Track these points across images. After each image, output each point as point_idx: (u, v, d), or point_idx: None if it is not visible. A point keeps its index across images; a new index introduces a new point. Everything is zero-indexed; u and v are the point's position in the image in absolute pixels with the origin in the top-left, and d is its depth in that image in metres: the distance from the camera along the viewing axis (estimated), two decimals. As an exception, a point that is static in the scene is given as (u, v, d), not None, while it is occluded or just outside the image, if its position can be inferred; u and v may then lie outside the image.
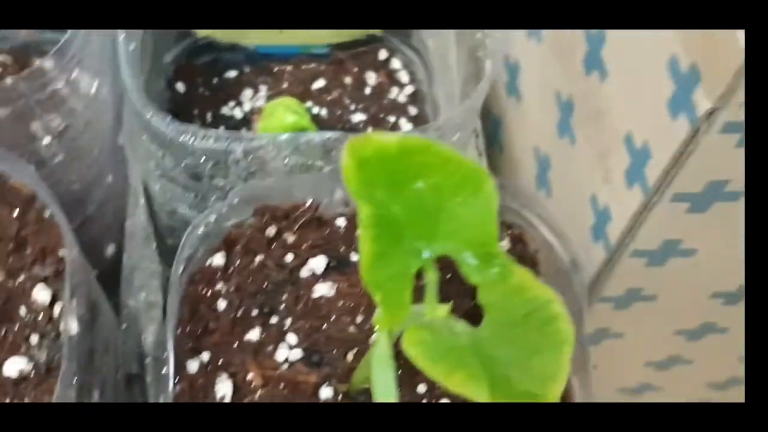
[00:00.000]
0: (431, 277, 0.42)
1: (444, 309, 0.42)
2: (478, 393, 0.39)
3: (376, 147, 0.41)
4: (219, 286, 0.52)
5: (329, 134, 0.54)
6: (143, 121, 0.54)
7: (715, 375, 0.75)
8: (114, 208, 0.67)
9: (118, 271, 0.63)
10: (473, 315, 0.45)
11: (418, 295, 0.44)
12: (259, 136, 0.54)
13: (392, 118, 0.68)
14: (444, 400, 0.51)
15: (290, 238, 0.54)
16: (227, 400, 0.49)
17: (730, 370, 0.74)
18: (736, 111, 0.46)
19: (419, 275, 0.43)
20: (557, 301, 0.41)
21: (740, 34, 0.44)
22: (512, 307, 0.42)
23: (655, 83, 0.51)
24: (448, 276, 0.53)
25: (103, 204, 0.65)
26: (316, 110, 0.69)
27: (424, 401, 0.50)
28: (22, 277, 0.50)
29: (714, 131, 0.48)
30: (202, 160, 0.54)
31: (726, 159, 0.50)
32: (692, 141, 0.49)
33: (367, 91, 0.70)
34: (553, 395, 0.40)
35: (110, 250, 0.68)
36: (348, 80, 0.71)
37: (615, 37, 0.55)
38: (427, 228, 0.42)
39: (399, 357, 0.50)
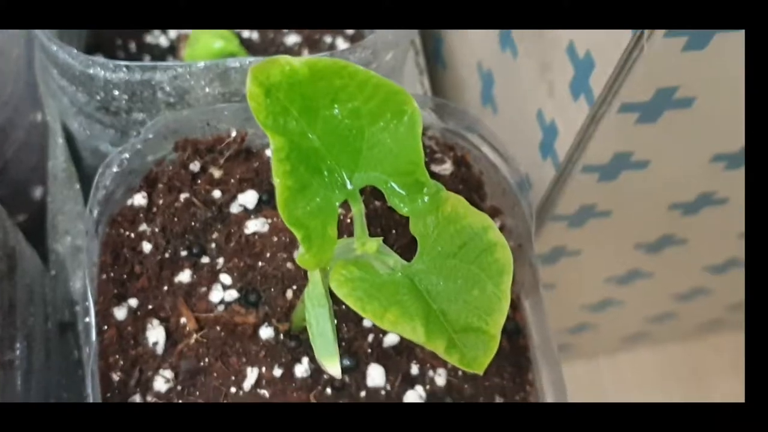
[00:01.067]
0: (357, 210, 0.39)
1: (374, 243, 0.39)
2: (413, 332, 0.36)
3: (284, 71, 0.37)
4: (142, 227, 0.49)
5: (251, 59, 0.50)
6: (50, 54, 0.50)
7: (678, 286, 0.73)
8: (38, 149, 0.63)
9: (46, 218, 0.60)
10: (408, 252, 0.42)
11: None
12: (175, 64, 0.50)
13: (329, 39, 0.64)
14: (390, 334, 0.48)
15: (216, 173, 0.50)
16: (160, 345, 0.46)
17: (692, 280, 0.72)
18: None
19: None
20: (493, 229, 0.38)
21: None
22: (446, 238, 0.39)
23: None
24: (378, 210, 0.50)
25: (24, 145, 0.62)
26: (246, 34, 0.65)
27: (371, 336, 0.48)
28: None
29: (659, 35, 0.44)
30: (116, 94, 0.50)
31: (674, 64, 0.47)
32: (636, 46, 0.46)
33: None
34: (495, 328, 0.37)
35: (37, 193, 0.64)
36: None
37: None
38: (349, 157, 0.38)
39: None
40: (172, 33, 0.65)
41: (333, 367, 0.41)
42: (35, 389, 0.50)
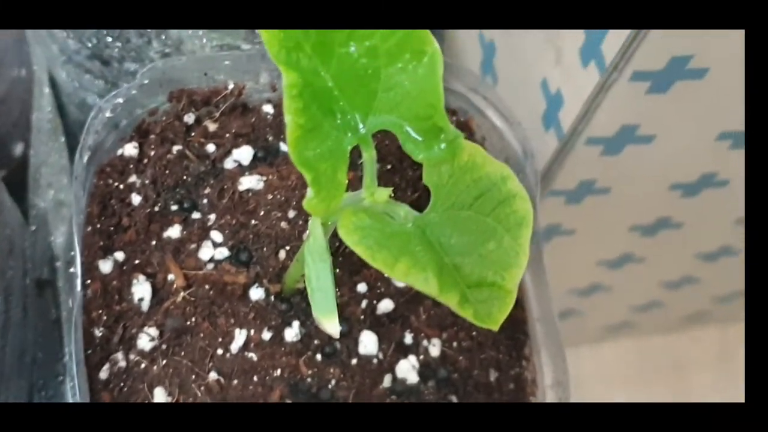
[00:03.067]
0: (369, 156, 0.37)
1: (385, 192, 0.37)
2: (425, 282, 0.34)
3: (301, 3, 0.35)
4: (132, 178, 0.47)
5: (253, 9, 0.48)
6: (41, -4, 0.48)
7: (668, 273, 0.72)
8: (20, 104, 0.61)
9: (27, 174, 0.58)
10: (418, 206, 0.40)
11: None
12: (174, 11, 0.48)
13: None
14: (385, 301, 0.46)
15: (211, 126, 0.48)
16: (146, 302, 0.44)
17: (683, 269, 0.71)
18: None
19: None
20: (513, 179, 0.37)
21: None
22: (462, 188, 0.37)
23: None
24: (388, 166, 0.49)
25: (6, 99, 0.59)
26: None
27: (365, 302, 0.46)
28: None
29: None
30: (109, 41, 0.48)
31: (690, 30, 0.45)
32: (654, 9, 0.44)
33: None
34: (512, 282, 0.35)
35: (18, 149, 0.62)
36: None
37: None
38: (363, 98, 0.37)
39: (335, 255, 0.46)
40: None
41: (331, 324, 0.39)
42: (11, 346, 0.48)
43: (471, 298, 0.35)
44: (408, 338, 0.47)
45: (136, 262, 0.45)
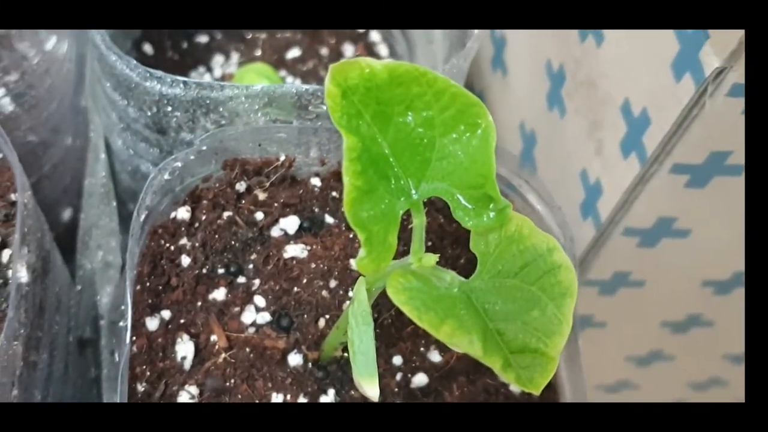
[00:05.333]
0: (419, 222, 0.38)
1: (432, 258, 0.38)
2: (470, 345, 0.35)
3: (363, 73, 0.37)
4: (183, 241, 0.48)
5: (306, 87, 0.50)
6: (107, 65, 0.50)
7: (697, 374, 0.72)
8: (72, 171, 0.63)
9: (74, 238, 0.59)
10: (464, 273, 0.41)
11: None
12: (232, 85, 0.50)
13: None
14: (419, 375, 0.47)
15: (261, 195, 0.50)
16: (188, 361, 0.45)
17: (712, 370, 0.71)
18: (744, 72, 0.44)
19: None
20: (559, 250, 0.38)
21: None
22: (508, 257, 0.38)
23: (658, 43, 0.48)
24: (428, 243, 0.50)
25: (59, 165, 0.61)
26: (290, 80, 0.65)
27: (399, 375, 0.47)
28: (-32, 221, 0.46)
29: (721, 93, 0.45)
30: (168, 110, 0.50)
31: (731, 127, 0.47)
32: (697, 104, 0.46)
33: (344, 63, 0.67)
34: (554, 350, 0.36)
35: (66, 214, 0.63)
36: (324, 51, 0.67)
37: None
38: (417, 166, 0.38)
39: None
40: (217, 71, 0.65)
41: (371, 387, 0.40)
42: (52, 399, 0.49)
43: (514, 363, 0.36)
44: (440, 414, 0.47)
45: (182, 321, 0.47)
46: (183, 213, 0.49)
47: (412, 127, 0.38)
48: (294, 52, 0.67)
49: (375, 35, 0.68)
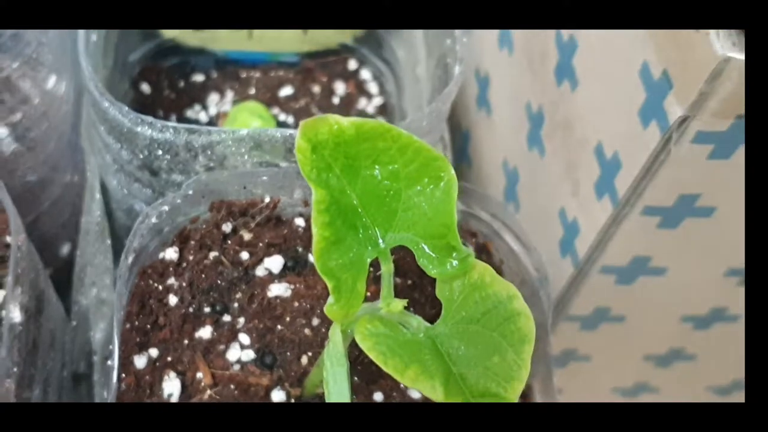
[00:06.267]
0: (386, 269, 0.40)
1: (399, 303, 0.40)
2: (432, 390, 0.37)
3: (331, 130, 0.39)
4: (170, 280, 0.50)
5: (292, 131, 0.52)
6: (100, 110, 0.52)
7: (682, 405, 0.73)
8: (71, 207, 0.65)
9: (72, 272, 0.61)
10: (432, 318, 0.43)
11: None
12: (219, 129, 0.52)
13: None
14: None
15: (246, 236, 0.52)
16: (174, 398, 0.47)
17: (696, 400, 0.72)
18: (708, 120, 0.45)
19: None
20: (518, 298, 0.40)
21: (713, 37, 0.42)
22: (471, 304, 0.40)
23: (626, 91, 0.49)
24: (409, 282, 0.52)
25: (58, 201, 0.63)
26: (282, 117, 0.67)
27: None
28: (-37, 263, 0.48)
29: (686, 140, 0.46)
30: (159, 154, 0.52)
31: (697, 171, 0.48)
32: (663, 150, 0.47)
33: (335, 101, 0.69)
34: (513, 395, 0.38)
35: (65, 250, 0.65)
36: (316, 89, 0.69)
37: (587, 44, 0.53)
38: (384, 216, 0.40)
39: (354, 363, 0.49)
40: (212, 109, 0.67)
41: (346, 426, 0.41)
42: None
43: (474, 406, 0.38)
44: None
45: (169, 359, 0.48)
46: (171, 253, 0.51)
47: (379, 179, 0.40)
48: (287, 90, 0.69)
49: (365, 73, 0.70)
